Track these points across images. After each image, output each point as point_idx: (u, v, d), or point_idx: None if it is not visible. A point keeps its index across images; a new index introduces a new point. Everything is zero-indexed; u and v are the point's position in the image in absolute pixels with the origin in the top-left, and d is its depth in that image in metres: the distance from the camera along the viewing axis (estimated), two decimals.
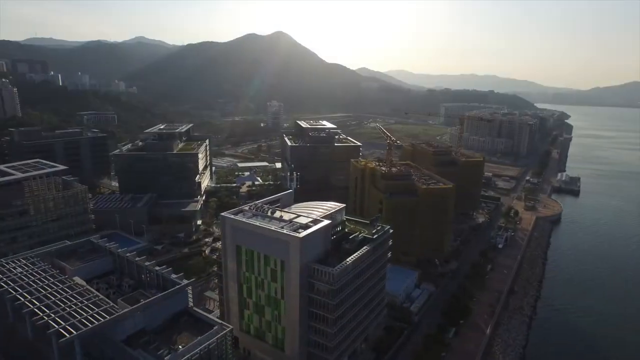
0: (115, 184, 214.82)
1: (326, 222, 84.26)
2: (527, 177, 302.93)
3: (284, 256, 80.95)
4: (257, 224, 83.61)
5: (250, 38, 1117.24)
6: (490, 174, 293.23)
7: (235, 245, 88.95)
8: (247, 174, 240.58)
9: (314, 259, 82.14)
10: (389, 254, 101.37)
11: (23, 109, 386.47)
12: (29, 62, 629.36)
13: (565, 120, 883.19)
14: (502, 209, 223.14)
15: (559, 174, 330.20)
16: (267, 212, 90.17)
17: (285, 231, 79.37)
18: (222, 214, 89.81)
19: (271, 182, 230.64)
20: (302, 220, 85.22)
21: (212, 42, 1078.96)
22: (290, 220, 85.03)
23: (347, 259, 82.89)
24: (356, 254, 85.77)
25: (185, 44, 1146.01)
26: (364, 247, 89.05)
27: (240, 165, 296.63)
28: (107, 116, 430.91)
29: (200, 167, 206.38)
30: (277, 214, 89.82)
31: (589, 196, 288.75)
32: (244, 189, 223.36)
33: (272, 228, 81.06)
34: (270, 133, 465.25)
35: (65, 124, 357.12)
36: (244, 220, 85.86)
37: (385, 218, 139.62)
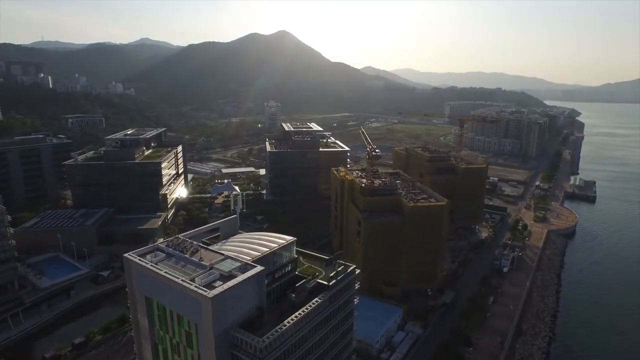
0: None
1: (258, 268, 61.73)
2: (537, 182, 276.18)
3: (196, 318, 58.82)
4: (163, 272, 61.39)
5: (253, 38, 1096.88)
6: (496, 178, 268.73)
7: (144, 297, 67.20)
8: (226, 182, 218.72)
9: (241, 320, 59.77)
10: (356, 300, 78.51)
11: (9, 113, 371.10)
12: (23, 64, 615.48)
13: (576, 118, 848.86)
14: (509, 220, 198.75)
15: (572, 178, 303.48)
16: (187, 252, 68.10)
17: (193, 286, 57.03)
18: (126, 255, 67.66)
19: (250, 192, 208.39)
20: (227, 266, 62.75)
21: (214, 42, 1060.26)
22: (211, 267, 62.62)
23: (286, 321, 60.49)
24: (301, 310, 63.26)
25: (188, 44, 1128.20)
26: (316, 299, 66.56)
27: (224, 171, 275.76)
28: (94, 119, 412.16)
29: (169, 176, 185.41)
30: (199, 254, 67.71)
31: (607, 203, 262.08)
32: (220, 199, 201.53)
33: (179, 281, 58.78)
34: (266, 135, 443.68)
35: (46, 127, 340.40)
36: (148, 266, 63.68)
37: (364, 242, 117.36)
